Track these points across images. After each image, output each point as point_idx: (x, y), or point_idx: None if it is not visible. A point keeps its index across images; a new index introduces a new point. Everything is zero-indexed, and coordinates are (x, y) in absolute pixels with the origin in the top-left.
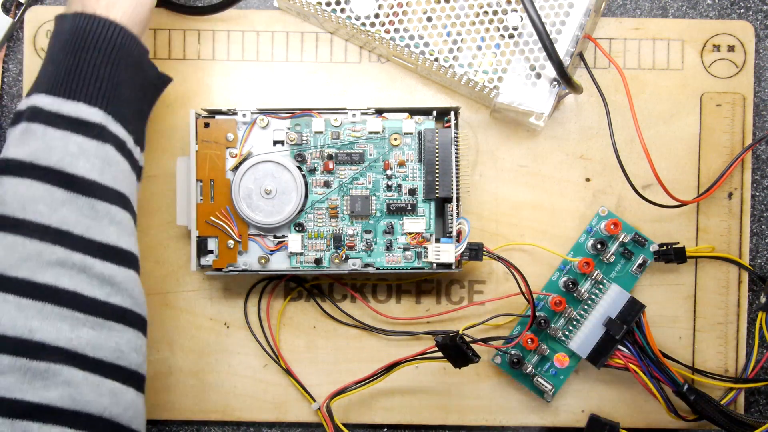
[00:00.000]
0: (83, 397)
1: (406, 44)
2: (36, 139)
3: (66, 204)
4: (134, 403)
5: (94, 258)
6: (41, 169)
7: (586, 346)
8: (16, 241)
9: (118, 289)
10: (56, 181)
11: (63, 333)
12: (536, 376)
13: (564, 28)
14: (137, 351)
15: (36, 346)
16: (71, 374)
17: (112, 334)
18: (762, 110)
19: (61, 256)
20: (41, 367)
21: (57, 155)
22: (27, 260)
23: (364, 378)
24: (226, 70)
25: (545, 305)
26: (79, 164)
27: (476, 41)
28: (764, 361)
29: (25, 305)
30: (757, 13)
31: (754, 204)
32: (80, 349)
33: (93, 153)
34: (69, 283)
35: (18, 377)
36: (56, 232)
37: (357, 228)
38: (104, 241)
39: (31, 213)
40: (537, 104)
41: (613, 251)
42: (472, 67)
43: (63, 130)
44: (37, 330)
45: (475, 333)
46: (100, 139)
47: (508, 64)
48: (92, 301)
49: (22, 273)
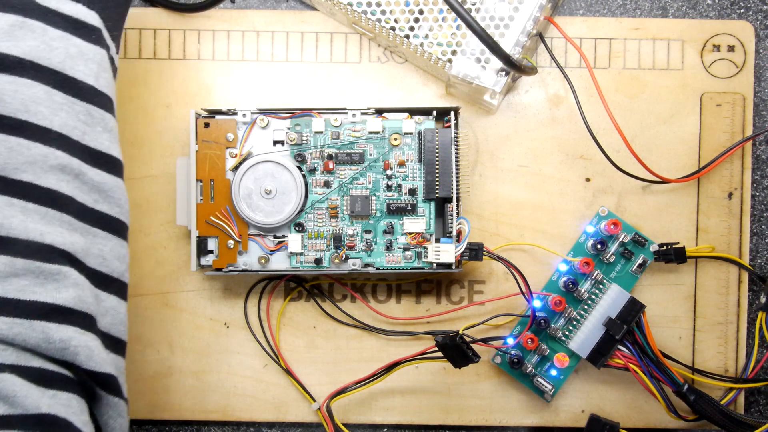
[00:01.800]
0: (88, 299)
1: (363, 11)
2: (35, 37)
3: (64, 107)
4: (115, 310)
5: (87, 164)
6: (42, 70)
7: (586, 346)
8: (20, 143)
9: (106, 197)
10: (56, 83)
11: (65, 237)
12: (536, 376)
13: (522, 6)
14: (120, 259)
15: (46, 249)
16: (77, 277)
17: (96, 240)
18: (762, 110)
19: (62, 161)
20: (53, 270)
21: (58, 56)
22: (32, 164)
23: (364, 378)
24: (226, 70)
25: (545, 305)
26: (78, 67)
27: (433, 13)
28: (764, 361)
29: (30, 209)
30: (757, 13)
31: (754, 204)
32: (76, 254)
33: (90, 57)
34: (67, 188)
35: (32, 279)
36: (58, 135)
37: (357, 228)
38: (97, 147)
39: (33, 115)
40: (489, 80)
41: (613, 251)
42: (428, 39)
43: (63, 30)
44: (46, 234)
45: (475, 333)
46: (98, 43)
47: (464, 39)
48: (83, 208)
49: (26, 177)
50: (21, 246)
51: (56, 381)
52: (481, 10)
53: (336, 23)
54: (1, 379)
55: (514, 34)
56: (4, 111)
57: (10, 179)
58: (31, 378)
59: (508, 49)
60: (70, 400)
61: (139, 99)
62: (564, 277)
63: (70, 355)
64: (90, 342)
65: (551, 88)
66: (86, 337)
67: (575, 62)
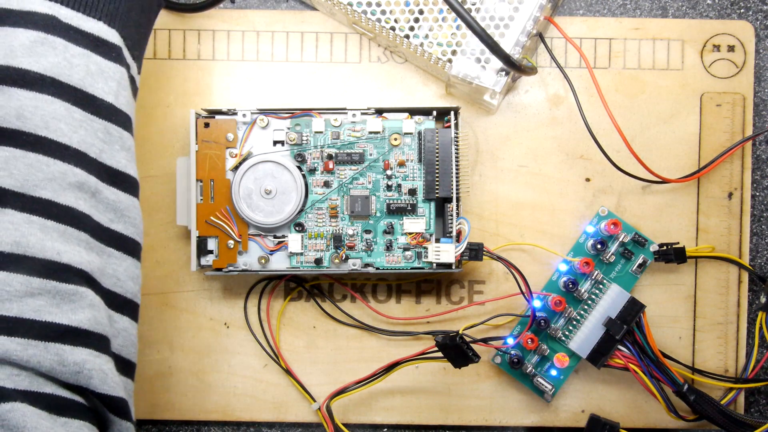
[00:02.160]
0: (103, 320)
1: (363, 11)
2: (56, 54)
3: (84, 125)
4: (126, 331)
5: (103, 182)
6: (62, 86)
7: (586, 346)
8: (40, 159)
9: (122, 216)
10: (76, 100)
11: (83, 256)
12: (536, 376)
13: (522, 6)
14: (134, 280)
15: (63, 268)
16: (93, 297)
17: (111, 260)
18: (762, 110)
19: (80, 179)
20: (70, 290)
21: (79, 73)
22: (51, 181)
23: (364, 378)
24: (226, 70)
25: (545, 305)
26: (98, 85)
27: (433, 13)
28: (764, 361)
29: (50, 227)
30: (757, 13)
31: (754, 204)
32: (93, 274)
33: (110, 75)
34: (84, 206)
35: (48, 299)
36: (76, 153)
37: (357, 228)
38: (114, 166)
39: (53, 132)
40: (489, 80)
41: (613, 251)
42: (428, 39)
43: (84, 47)
44: (64, 253)
45: (475, 333)
46: (118, 61)
47: (464, 39)
48: (99, 227)
49: (45, 194)
50: (38, 265)
51: (68, 408)
52: (481, 10)
53: (336, 23)
54: (13, 408)
55: (514, 34)
56: (24, 127)
57: (29, 196)
58: (43, 405)
59: (508, 49)
60: (81, 428)
61: (139, 99)
62: (564, 277)
63: (83, 379)
64: (104, 365)
65: (551, 88)
66: (100, 360)
67: (575, 62)
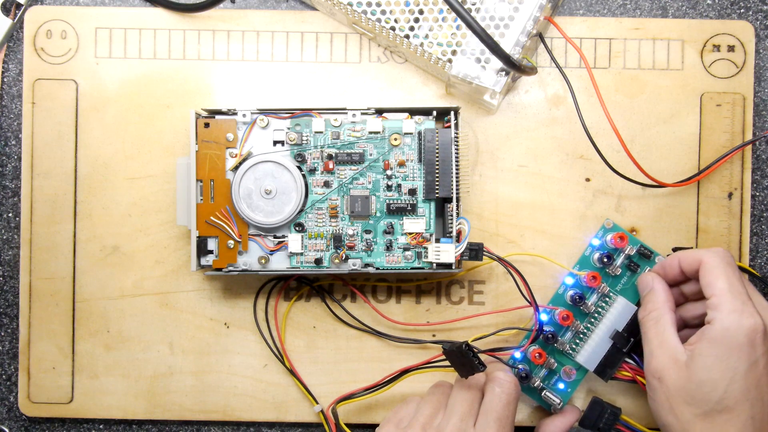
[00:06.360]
0: None
1: (363, 11)
2: None
3: None
4: None
5: None
6: None
7: (594, 359)
8: None
9: None
10: None
11: None
12: (544, 390)
13: (522, 6)
14: None
15: None
16: None
17: None
18: (762, 110)
19: None
20: None
21: None
22: None
23: (372, 385)
24: (226, 70)
25: (552, 319)
26: None
27: (433, 13)
28: None
29: None
30: (757, 13)
31: (754, 204)
32: None
33: None
34: None
35: None
36: None
37: (357, 228)
38: None
39: None
40: (489, 80)
41: (619, 264)
42: (428, 39)
43: None
44: None
45: (481, 344)
46: None
47: (464, 39)
48: None
49: None
50: None
51: None
52: (481, 10)
53: (336, 23)
54: None
55: (514, 34)
56: None
57: None
58: None
59: (508, 49)
60: None
61: (139, 99)
62: (570, 291)
63: None
64: None
65: (551, 88)
66: None
67: (575, 62)
